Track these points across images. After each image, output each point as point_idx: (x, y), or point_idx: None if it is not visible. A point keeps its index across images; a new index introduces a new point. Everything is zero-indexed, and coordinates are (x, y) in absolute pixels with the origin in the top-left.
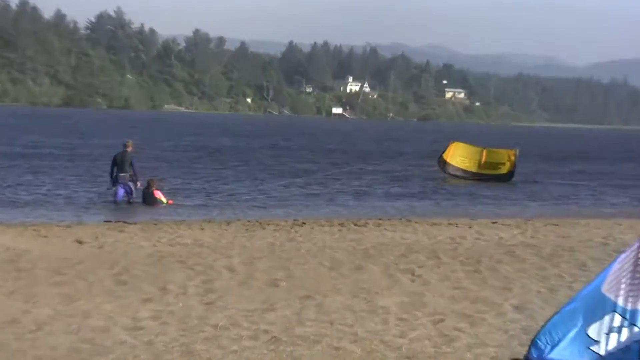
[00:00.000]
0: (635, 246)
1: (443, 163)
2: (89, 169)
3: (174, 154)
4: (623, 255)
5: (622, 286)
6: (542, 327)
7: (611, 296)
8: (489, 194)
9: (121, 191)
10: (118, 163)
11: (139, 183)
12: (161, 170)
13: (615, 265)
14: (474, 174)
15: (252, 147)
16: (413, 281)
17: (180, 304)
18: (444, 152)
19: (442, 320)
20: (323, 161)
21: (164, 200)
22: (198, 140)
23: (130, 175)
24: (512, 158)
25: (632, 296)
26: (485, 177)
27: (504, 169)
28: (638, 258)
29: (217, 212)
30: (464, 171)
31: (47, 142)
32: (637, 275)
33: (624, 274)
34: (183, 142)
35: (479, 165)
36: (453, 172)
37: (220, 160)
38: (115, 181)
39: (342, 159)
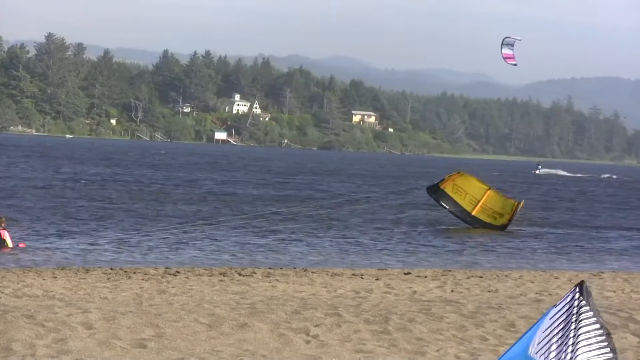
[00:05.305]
0: (569, 299)
1: (438, 193)
2: None
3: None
4: (554, 310)
5: (553, 347)
6: None
7: None
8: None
9: None
10: None
11: None
12: (13, 206)
13: (546, 322)
14: (465, 214)
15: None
16: (308, 342)
17: None
18: (441, 181)
19: None
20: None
21: (10, 244)
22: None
23: None
24: (514, 211)
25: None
26: (477, 222)
27: (501, 220)
28: (572, 314)
29: (74, 258)
30: (456, 205)
31: None
32: (570, 334)
33: (555, 332)
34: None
35: (475, 206)
36: (446, 205)
37: (100, 194)
38: None
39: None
